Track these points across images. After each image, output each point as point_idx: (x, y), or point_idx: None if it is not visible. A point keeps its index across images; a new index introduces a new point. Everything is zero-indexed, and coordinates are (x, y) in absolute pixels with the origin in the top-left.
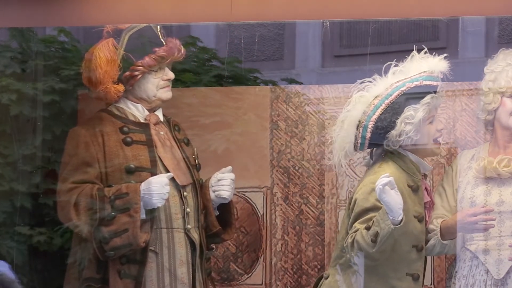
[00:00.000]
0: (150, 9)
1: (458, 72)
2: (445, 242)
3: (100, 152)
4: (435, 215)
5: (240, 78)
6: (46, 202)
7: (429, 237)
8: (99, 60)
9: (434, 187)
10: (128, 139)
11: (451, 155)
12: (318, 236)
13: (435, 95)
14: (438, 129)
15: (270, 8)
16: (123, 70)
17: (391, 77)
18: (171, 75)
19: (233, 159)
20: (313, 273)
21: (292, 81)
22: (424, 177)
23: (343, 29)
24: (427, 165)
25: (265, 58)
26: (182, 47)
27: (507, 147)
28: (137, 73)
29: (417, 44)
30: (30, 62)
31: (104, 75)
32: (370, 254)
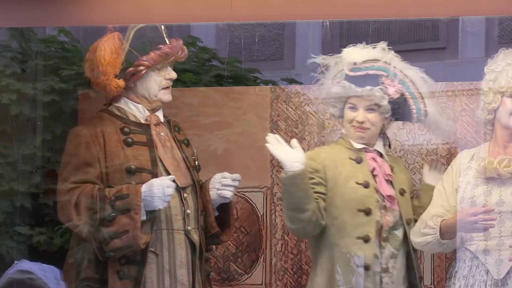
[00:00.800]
0: (150, 9)
1: (458, 72)
2: (443, 241)
3: (101, 152)
4: (434, 214)
5: (240, 78)
6: (46, 202)
7: (426, 233)
8: (104, 51)
9: None
10: (129, 140)
11: (451, 155)
12: None
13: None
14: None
15: (270, 8)
16: (126, 67)
17: None
18: (174, 74)
19: (233, 159)
20: None
21: (292, 81)
22: (377, 153)
23: (343, 29)
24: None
25: (265, 58)
26: (185, 47)
27: (507, 147)
28: (142, 67)
29: (417, 44)
30: (30, 62)
31: (107, 67)
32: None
